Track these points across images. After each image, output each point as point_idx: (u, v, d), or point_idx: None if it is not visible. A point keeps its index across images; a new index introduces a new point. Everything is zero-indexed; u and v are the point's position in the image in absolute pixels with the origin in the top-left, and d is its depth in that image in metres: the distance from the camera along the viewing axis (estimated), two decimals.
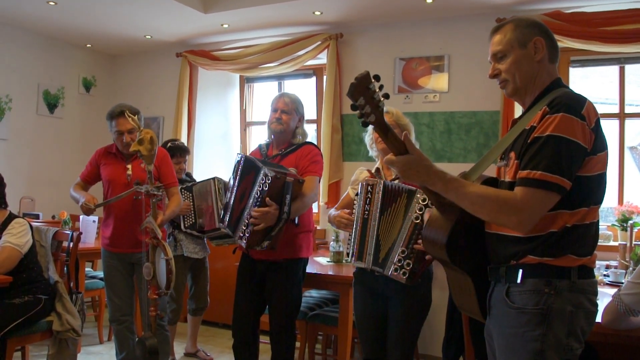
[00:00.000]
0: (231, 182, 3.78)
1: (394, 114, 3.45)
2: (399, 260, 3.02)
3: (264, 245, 3.55)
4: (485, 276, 2.28)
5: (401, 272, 3.02)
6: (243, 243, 3.56)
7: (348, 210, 3.34)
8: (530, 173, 1.99)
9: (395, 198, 3.10)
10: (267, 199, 3.47)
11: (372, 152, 3.62)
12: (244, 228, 3.54)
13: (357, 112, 2.01)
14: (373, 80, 1.99)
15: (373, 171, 3.52)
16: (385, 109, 3.38)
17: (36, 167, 7.17)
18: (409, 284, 3.04)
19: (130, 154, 4.14)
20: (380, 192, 3.11)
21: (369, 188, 3.16)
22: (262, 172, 3.51)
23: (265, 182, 3.48)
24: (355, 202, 3.29)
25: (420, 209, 2.98)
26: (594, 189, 2.09)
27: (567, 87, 2.24)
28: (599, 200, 2.14)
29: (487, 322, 2.31)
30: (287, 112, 3.89)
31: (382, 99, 2.01)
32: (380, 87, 2.01)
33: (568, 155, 1.98)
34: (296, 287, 3.88)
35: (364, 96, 1.97)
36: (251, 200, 3.55)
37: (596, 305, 2.14)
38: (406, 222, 3.05)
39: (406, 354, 3.32)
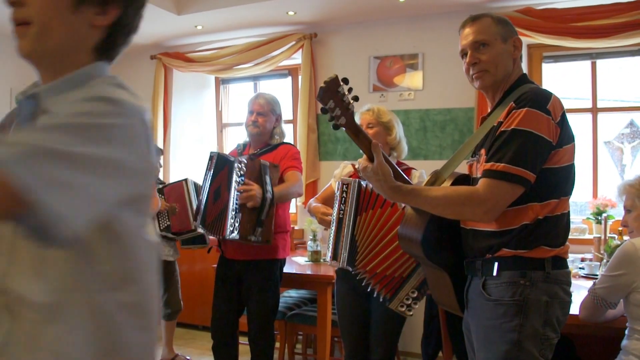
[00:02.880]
0: (204, 181, 3.78)
1: (375, 112, 3.43)
2: (408, 299, 3.03)
3: (258, 234, 3.53)
4: (462, 271, 2.31)
5: (406, 309, 3.04)
6: (236, 236, 3.53)
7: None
8: (494, 165, 2.05)
9: (371, 203, 3.07)
10: (248, 180, 3.52)
11: None
12: (232, 221, 3.53)
13: (328, 115, 2.03)
14: (342, 83, 2.01)
15: (357, 166, 3.51)
16: (367, 106, 3.44)
17: None
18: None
19: None
20: (355, 192, 3.10)
21: (344, 187, 3.15)
22: (236, 161, 3.57)
23: (241, 167, 3.54)
24: (335, 199, 3.29)
25: None
26: (562, 181, 2.14)
27: (533, 83, 2.30)
28: (569, 192, 2.19)
29: (464, 315, 2.34)
30: (262, 114, 3.88)
31: (351, 101, 2.05)
32: (350, 90, 2.03)
33: (532, 149, 2.03)
34: (273, 288, 3.87)
35: (333, 99, 2.00)
36: (233, 190, 3.57)
37: (570, 295, 2.19)
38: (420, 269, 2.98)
39: (388, 351, 3.33)
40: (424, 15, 5.81)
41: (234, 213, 3.53)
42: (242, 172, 3.54)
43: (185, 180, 4.96)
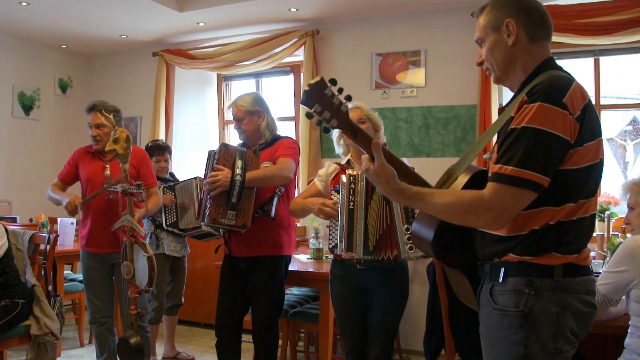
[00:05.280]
0: (204, 179, 3.78)
1: (364, 109, 3.40)
2: (409, 238, 3.06)
3: (230, 217, 3.52)
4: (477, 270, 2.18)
5: (416, 250, 3.05)
6: (207, 219, 3.53)
7: (333, 200, 3.30)
8: (502, 168, 1.85)
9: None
10: (217, 165, 3.52)
11: (339, 149, 3.56)
12: (208, 205, 3.54)
13: (314, 119, 1.95)
14: (329, 85, 1.93)
15: (344, 164, 3.49)
16: (352, 104, 3.37)
17: (12, 170, 7.09)
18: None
19: (107, 152, 4.10)
20: (364, 182, 3.13)
21: (351, 179, 3.15)
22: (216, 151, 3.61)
23: (216, 153, 3.57)
24: (333, 195, 3.28)
25: None
26: (582, 183, 1.92)
27: (559, 68, 2.05)
28: (590, 194, 1.95)
29: (479, 317, 2.19)
30: (240, 119, 3.86)
31: (344, 101, 1.95)
32: (340, 90, 1.94)
33: (545, 149, 1.82)
34: (278, 286, 3.86)
35: (319, 102, 1.91)
36: (205, 176, 3.63)
37: (590, 304, 1.97)
38: (394, 205, 3.10)
39: (387, 345, 3.33)
40: (426, 12, 5.80)
41: (208, 199, 3.53)
42: (217, 156, 3.56)
43: (196, 178, 4.95)
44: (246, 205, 3.58)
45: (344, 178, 3.19)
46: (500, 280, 1.98)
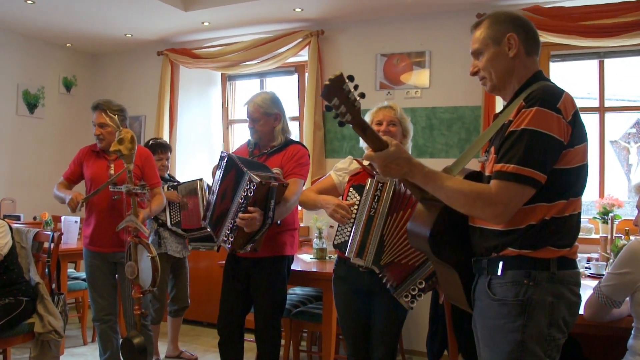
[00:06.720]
0: (215, 180, 3.75)
1: (397, 111, 3.37)
2: (414, 289, 3.05)
3: (247, 248, 3.51)
4: (471, 268, 2.30)
5: (410, 302, 3.06)
6: (227, 247, 3.50)
7: (349, 202, 3.20)
8: (504, 166, 2.03)
9: (403, 204, 3.06)
10: (251, 207, 3.37)
11: (364, 143, 3.51)
12: (228, 232, 3.47)
13: (333, 112, 2.02)
14: (347, 81, 1.99)
15: (367, 165, 3.42)
16: (387, 103, 3.42)
17: (17, 168, 7.10)
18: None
19: (112, 152, 4.11)
20: (390, 193, 3.08)
21: (379, 186, 3.10)
22: (246, 177, 3.39)
23: (249, 188, 3.36)
24: (350, 192, 3.22)
25: None
26: (572, 181, 2.10)
27: (548, 80, 2.24)
28: (579, 192, 2.15)
29: (473, 314, 2.32)
30: (256, 119, 3.78)
31: (357, 98, 2.02)
32: (355, 87, 2.01)
33: (542, 149, 2.00)
34: (280, 285, 3.86)
35: (337, 97, 1.98)
36: (235, 205, 3.47)
37: (578, 295, 2.16)
38: None
39: (391, 347, 3.32)
40: (431, 13, 5.81)
41: (230, 227, 3.47)
42: (249, 193, 3.37)
43: (200, 180, 4.97)
44: (263, 237, 3.56)
45: (370, 182, 3.14)
46: (499, 273, 2.14)
